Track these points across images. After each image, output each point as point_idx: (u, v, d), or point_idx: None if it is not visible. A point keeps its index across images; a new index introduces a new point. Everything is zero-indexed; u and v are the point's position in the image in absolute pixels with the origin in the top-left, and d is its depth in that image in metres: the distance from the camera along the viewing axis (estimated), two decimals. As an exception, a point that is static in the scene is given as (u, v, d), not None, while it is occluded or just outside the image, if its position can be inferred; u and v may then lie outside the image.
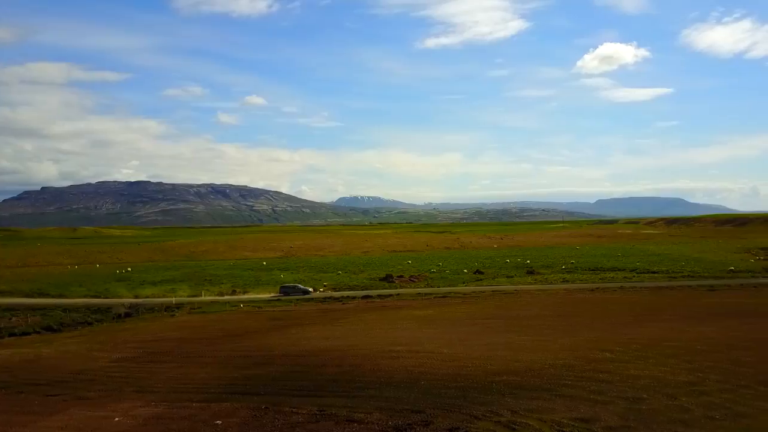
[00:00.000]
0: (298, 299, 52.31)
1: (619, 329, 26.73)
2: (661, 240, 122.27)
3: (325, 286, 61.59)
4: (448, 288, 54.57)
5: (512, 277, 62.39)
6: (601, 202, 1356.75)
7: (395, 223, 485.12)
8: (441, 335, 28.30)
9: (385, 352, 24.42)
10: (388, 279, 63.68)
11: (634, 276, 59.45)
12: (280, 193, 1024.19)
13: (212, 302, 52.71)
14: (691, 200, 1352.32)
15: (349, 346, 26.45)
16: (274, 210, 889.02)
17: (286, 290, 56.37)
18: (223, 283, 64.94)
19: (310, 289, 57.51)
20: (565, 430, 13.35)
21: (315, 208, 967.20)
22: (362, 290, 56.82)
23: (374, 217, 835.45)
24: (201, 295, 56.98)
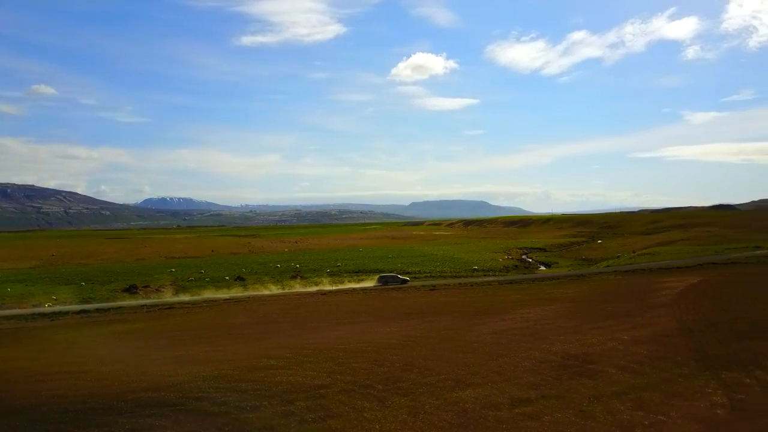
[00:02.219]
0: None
1: (313, 333, 26.33)
2: (445, 241, 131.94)
3: (54, 300, 53.99)
4: (190, 297, 51.48)
5: (276, 282, 61.53)
6: (415, 205, 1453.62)
7: (206, 227, 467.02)
8: (120, 351, 25.48)
9: (43, 375, 20.71)
10: (131, 290, 58.21)
11: None
12: (76, 193, 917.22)
13: None
14: (494, 203, 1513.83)
15: (18, 369, 22.24)
16: (67, 212, 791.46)
17: None
18: None
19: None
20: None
21: (117, 210, 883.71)
22: (98, 303, 51.03)
23: (184, 219, 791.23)
24: None
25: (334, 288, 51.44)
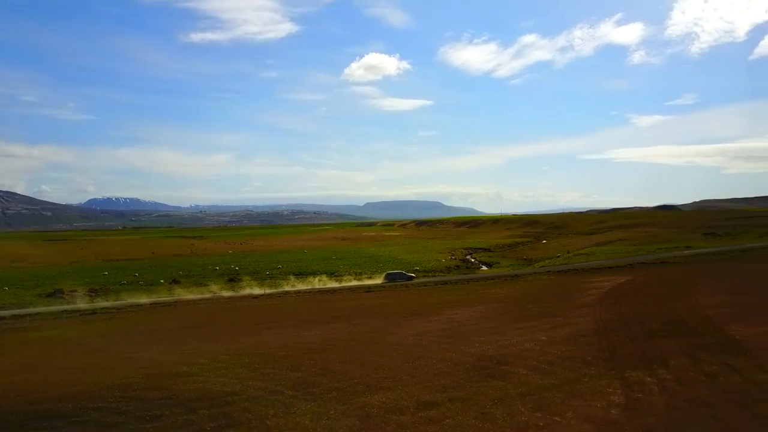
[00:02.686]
0: None
1: (234, 338, 25.65)
2: (393, 242, 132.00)
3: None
4: (114, 302, 49.29)
5: (209, 285, 60.08)
6: (369, 205, 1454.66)
7: (153, 228, 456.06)
8: (26, 360, 24.15)
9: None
10: (55, 295, 55.58)
11: (323, 279, 60.83)
12: (15, 193, 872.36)
13: None
14: (448, 203, 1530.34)
15: None
16: (5, 213, 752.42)
17: None
18: None
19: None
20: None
21: (59, 211, 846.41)
22: (16, 309, 48.51)
23: (131, 220, 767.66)
24: None
25: (269, 291, 50.23)
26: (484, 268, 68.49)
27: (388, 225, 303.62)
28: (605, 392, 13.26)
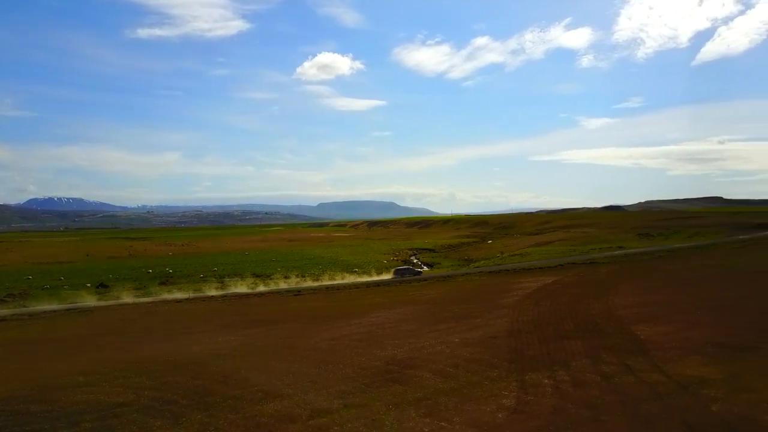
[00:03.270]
0: None
1: (144, 345, 24.57)
2: (340, 243, 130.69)
3: None
4: (28, 309, 46.49)
5: (140, 288, 58.05)
6: (322, 205, 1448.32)
7: (97, 229, 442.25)
8: None
9: None
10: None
11: (260, 282, 59.84)
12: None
13: None
14: (402, 204, 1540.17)
15: None
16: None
17: None
18: None
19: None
20: None
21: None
22: None
23: (74, 221, 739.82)
24: None
25: (195, 295, 48.27)
26: (425, 268, 68.84)
27: (340, 226, 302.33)
28: (500, 395, 13.24)
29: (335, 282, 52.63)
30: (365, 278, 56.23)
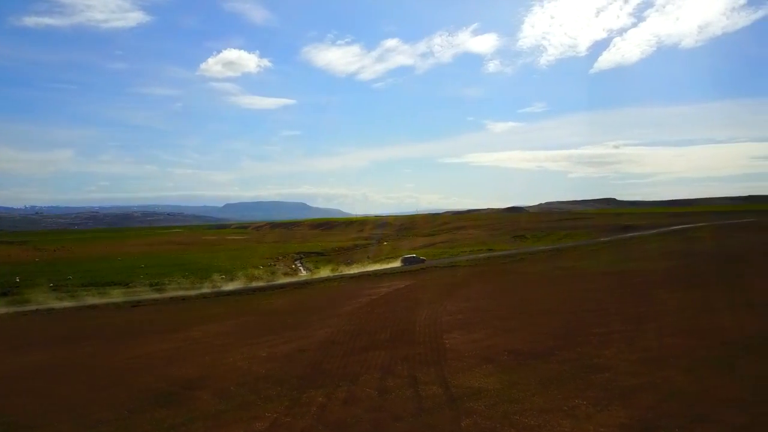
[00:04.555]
0: None
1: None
2: (227, 246, 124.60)
3: None
4: None
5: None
6: (229, 206, 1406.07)
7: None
8: None
9: None
10: None
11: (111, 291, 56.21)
12: None
13: None
14: (313, 204, 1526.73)
15: None
16: None
17: None
18: None
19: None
20: None
21: None
22: None
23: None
24: None
25: (19, 309, 43.44)
26: (303, 273, 67.62)
27: (242, 228, 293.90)
28: (259, 418, 12.44)
29: (189, 292, 49.08)
30: (229, 286, 53.71)
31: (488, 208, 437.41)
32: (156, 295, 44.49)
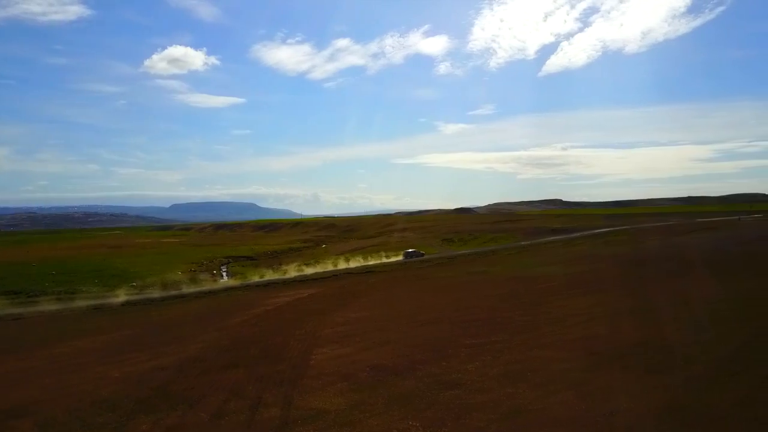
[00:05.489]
0: None
1: None
2: (158, 250, 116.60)
3: None
4: None
5: None
6: (177, 207, 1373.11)
7: None
8: None
9: None
10: None
11: None
12: None
13: None
14: (263, 205, 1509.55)
15: None
16: None
17: None
18: None
19: None
20: None
21: None
22: None
23: None
24: None
25: None
26: (225, 279, 65.38)
27: (185, 230, 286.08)
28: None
29: (95, 301, 45.86)
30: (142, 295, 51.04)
31: (439, 209, 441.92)
32: (53, 306, 41.81)
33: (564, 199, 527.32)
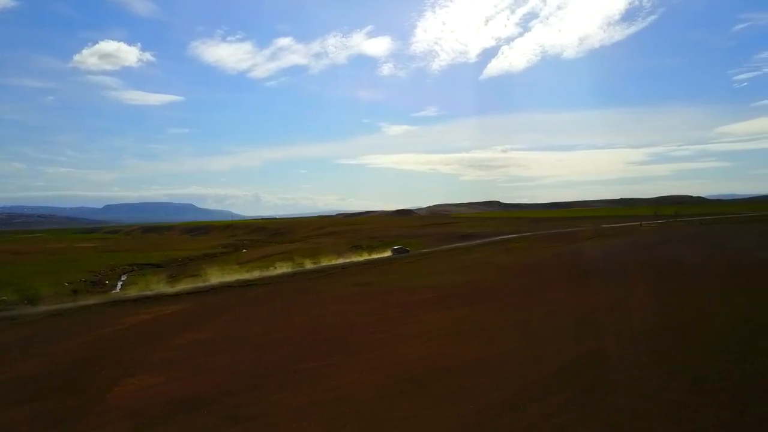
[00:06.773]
0: None
1: None
2: (62, 256, 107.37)
3: None
4: None
5: None
6: (110, 207, 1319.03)
7: None
8: None
9: None
10: None
11: None
12: None
13: None
14: (202, 206, 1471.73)
15: None
16: None
17: None
18: None
19: None
20: None
21: None
22: None
23: None
24: None
25: None
26: (116, 291, 61.35)
27: (112, 232, 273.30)
28: None
29: None
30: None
31: (381, 211, 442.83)
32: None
33: (502, 201, 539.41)
